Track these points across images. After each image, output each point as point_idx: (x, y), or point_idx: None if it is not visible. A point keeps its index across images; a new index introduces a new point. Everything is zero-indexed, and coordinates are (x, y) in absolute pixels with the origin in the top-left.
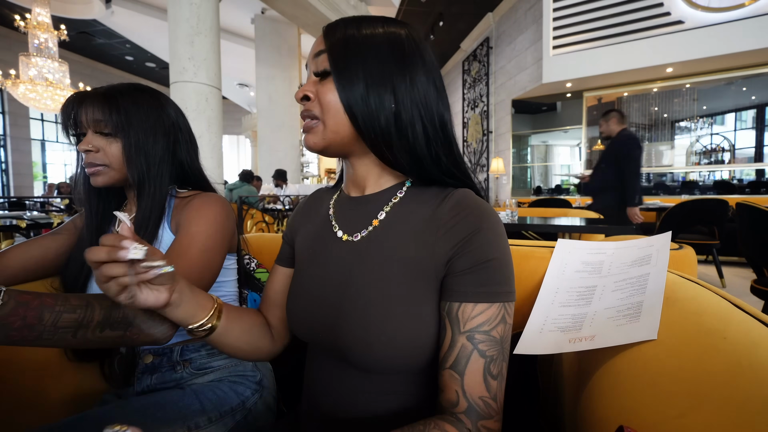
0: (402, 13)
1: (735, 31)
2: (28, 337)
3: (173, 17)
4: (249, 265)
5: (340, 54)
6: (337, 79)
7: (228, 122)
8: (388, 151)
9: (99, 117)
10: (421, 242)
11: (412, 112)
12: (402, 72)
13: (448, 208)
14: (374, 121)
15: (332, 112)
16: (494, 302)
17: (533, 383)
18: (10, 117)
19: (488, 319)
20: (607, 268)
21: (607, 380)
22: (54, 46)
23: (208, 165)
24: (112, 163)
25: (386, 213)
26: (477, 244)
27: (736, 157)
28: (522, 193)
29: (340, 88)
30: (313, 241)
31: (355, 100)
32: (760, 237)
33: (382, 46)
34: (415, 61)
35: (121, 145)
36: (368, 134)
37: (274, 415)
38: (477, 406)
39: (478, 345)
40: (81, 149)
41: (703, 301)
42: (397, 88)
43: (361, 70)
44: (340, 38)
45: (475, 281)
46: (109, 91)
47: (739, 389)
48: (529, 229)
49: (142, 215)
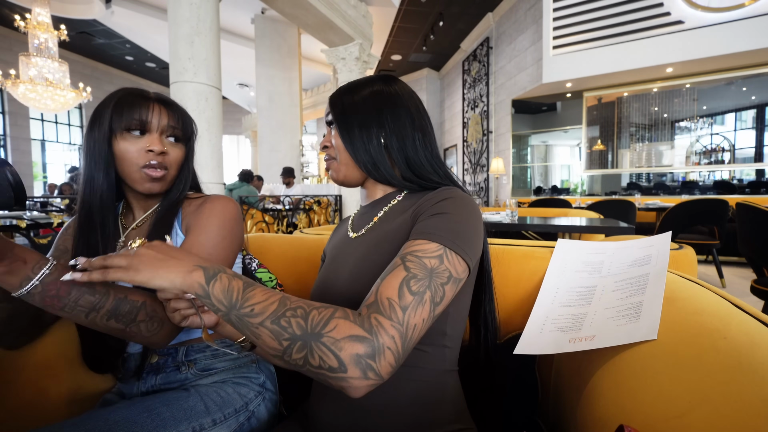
0: (402, 12)
1: (735, 31)
2: (55, 306)
3: (173, 17)
4: (250, 264)
5: (339, 112)
6: (338, 128)
7: (228, 122)
8: (382, 172)
9: (175, 123)
10: (404, 225)
11: (396, 142)
12: (380, 115)
13: (429, 196)
14: (366, 153)
15: (341, 151)
16: (433, 241)
17: (533, 383)
18: (10, 117)
19: (423, 249)
20: (607, 268)
21: (607, 380)
22: (54, 46)
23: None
24: (172, 167)
25: (384, 212)
26: (437, 206)
27: (736, 157)
28: (522, 193)
29: (343, 135)
30: (335, 246)
31: (351, 140)
32: (760, 237)
33: (367, 102)
34: (394, 106)
35: (184, 152)
36: (362, 162)
37: (276, 417)
38: (381, 304)
39: (405, 262)
40: (156, 149)
41: (703, 301)
42: (381, 127)
43: (353, 120)
44: (338, 102)
45: (422, 227)
46: (167, 98)
47: (739, 389)
48: (529, 229)
49: (161, 215)
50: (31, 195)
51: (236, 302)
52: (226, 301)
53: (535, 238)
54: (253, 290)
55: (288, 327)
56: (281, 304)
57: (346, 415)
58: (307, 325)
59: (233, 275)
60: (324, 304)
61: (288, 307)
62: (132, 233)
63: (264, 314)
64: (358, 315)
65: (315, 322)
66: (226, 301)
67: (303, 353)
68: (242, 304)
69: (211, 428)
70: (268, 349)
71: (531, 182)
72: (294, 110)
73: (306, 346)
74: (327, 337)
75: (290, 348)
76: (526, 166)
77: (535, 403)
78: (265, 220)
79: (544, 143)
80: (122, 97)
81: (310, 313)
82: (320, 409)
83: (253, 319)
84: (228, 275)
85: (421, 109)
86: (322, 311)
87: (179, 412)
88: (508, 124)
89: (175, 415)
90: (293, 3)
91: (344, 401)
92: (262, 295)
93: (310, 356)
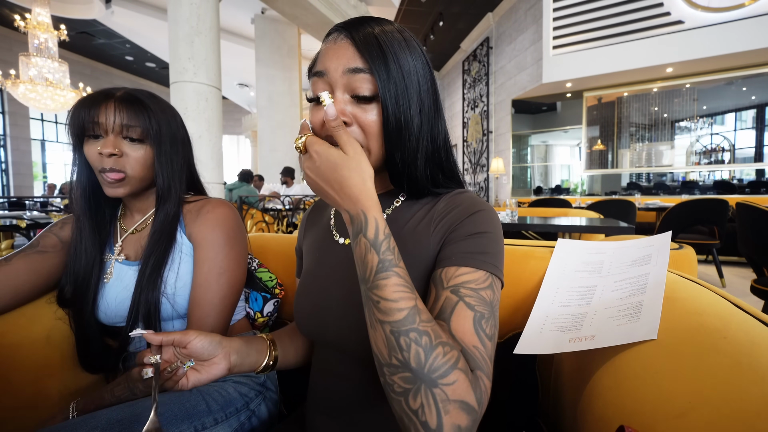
0: (402, 12)
1: (735, 31)
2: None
3: (173, 17)
4: (250, 264)
5: (389, 77)
6: (390, 107)
7: (228, 122)
8: (414, 171)
9: (131, 122)
10: (417, 240)
11: (429, 132)
12: (434, 96)
13: (442, 206)
14: (414, 141)
15: (377, 137)
16: (481, 269)
17: (533, 383)
18: (10, 117)
19: (474, 280)
20: (607, 267)
21: (607, 380)
22: (54, 46)
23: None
24: (134, 170)
25: (387, 215)
26: (473, 219)
27: (736, 157)
28: (522, 193)
29: (392, 112)
30: (317, 248)
31: (403, 123)
32: (760, 237)
33: (419, 67)
34: (435, 85)
35: (149, 151)
36: (403, 157)
37: (277, 417)
38: (472, 354)
39: (464, 298)
40: (105, 152)
41: (703, 301)
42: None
43: (410, 92)
44: (381, 56)
45: (462, 248)
46: (135, 95)
47: (739, 389)
48: (529, 229)
49: (162, 220)
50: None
51: (366, 279)
52: (360, 269)
53: (535, 238)
54: (387, 277)
55: (406, 350)
56: (409, 317)
57: (341, 429)
58: (426, 363)
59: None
60: (449, 342)
61: (415, 326)
62: (130, 238)
63: (389, 316)
64: (471, 372)
65: (436, 364)
66: (360, 269)
67: (407, 386)
68: (372, 287)
69: (213, 427)
70: (373, 342)
71: (531, 182)
72: (294, 110)
73: (414, 382)
74: (440, 390)
75: (396, 370)
76: (526, 166)
77: (535, 403)
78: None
79: (544, 143)
80: (80, 101)
81: (436, 348)
82: (314, 419)
83: (378, 312)
84: (367, 239)
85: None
86: (447, 352)
87: (181, 412)
88: (508, 124)
89: (176, 415)
90: (293, 3)
91: (339, 417)
92: (394, 290)
93: (412, 395)
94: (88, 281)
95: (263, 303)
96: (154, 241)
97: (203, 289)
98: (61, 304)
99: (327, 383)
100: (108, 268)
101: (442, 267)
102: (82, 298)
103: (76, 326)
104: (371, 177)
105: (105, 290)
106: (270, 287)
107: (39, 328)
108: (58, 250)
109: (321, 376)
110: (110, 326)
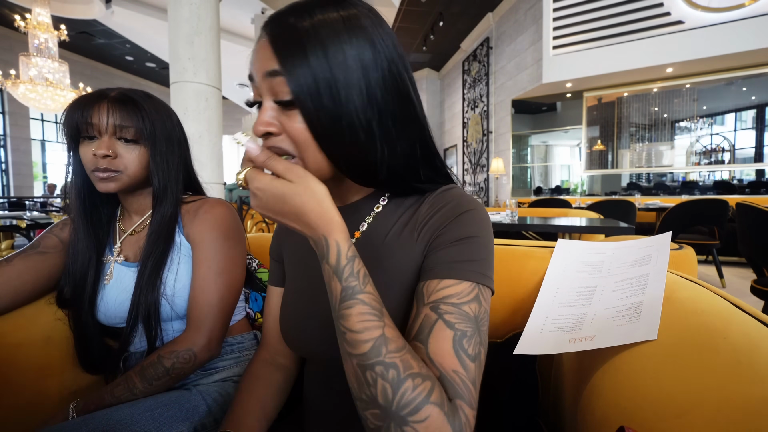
0: (402, 12)
1: (735, 31)
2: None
3: (173, 17)
4: (251, 264)
5: (308, 75)
6: (304, 106)
7: (228, 122)
8: (370, 167)
9: (125, 123)
10: (402, 247)
11: (391, 122)
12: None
13: (425, 209)
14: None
15: (310, 144)
16: (466, 279)
17: (533, 383)
18: (10, 117)
19: (457, 293)
20: (607, 268)
21: (607, 380)
22: (54, 46)
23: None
24: (128, 170)
25: (368, 224)
26: (456, 225)
27: (736, 157)
28: (522, 193)
29: (315, 118)
30: (301, 256)
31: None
32: (760, 237)
33: (365, 56)
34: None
35: (144, 152)
36: (343, 160)
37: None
38: (451, 380)
39: (443, 315)
40: (98, 153)
41: (703, 301)
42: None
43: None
44: (298, 53)
45: (446, 257)
46: (129, 95)
47: (739, 389)
48: (529, 229)
49: (159, 221)
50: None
51: (334, 308)
52: (329, 298)
53: (535, 238)
54: (350, 306)
55: (372, 385)
56: (374, 350)
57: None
58: (393, 400)
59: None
60: (421, 372)
61: (381, 359)
62: (129, 239)
63: (355, 348)
64: (449, 403)
65: (405, 400)
66: (329, 298)
67: (378, 423)
68: (339, 317)
69: (214, 427)
70: (348, 378)
71: (531, 182)
72: None
73: (383, 419)
74: (411, 429)
75: (366, 406)
76: (526, 166)
77: (535, 403)
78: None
79: (544, 143)
80: (73, 102)
81: (404, 382)
82: (311, 429)
83: (346, 345)
84: (330, 265)
85: (400, 50)
86: (418, 385)
87: (181, 412)
88: (508, 124)
89: (177, 415)
90: None
91: (337, 424)
92: (357, 320)
93: (384, 431)
94: (84, 282)
95: (263, 303)
96: (151, 243)
97: (201, 290)
98: (61, 305)
99: (321, 396)
100: (108, 269)
101: (425, 280)
102: (80, 298)
103: (75, 327)
104: (326, 194)
105: (105, 291)
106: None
107: (39, 329)
108: (58, 250)
109: (314, 389)
110: (110, 327)
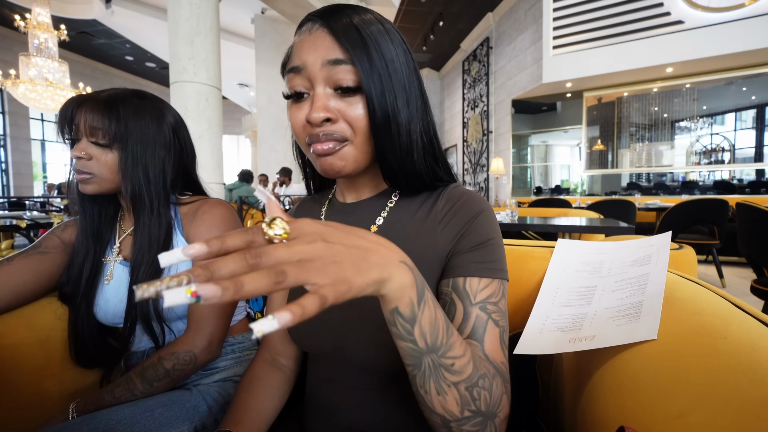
0: (402, 12)
1: (735, 31)
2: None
3: (173, 17)
4: None
5: (372, 67)
6: (375, 98)
7: (228, 122)
8: (406, 163)
9: (97, 125)
10: (423, 240)
11: (419, 123)
12: (419, 86)
13: (443, 204)
14: (406, 134)
15: (365, 132)
16: (495, 278)
17: (533, 383)
18: (10, 117)
19: (494, 293)
20: (607, 268)
21: (607, 380)
22: (54, 46)
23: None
24: (102, 173)
25: (383, 218)
26: (478, 225)
27: (736, 157)
28: (522, 193)
29: (378, 103)
30: None
31: (390, 114)
32: (760, 237)
33: (401, 53)
34: (419, 74)
35: (116, 156)
36: (394, 150)
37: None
38: (501, 370)
39: (491, 315)
40: (73, 155)
41: (703, 301)
42: (420, 97)
43: (394, 81)
44: (362, 45)
45: (477, 258)
46: (110, 98)
47: (739, 389)
48: (529, 229)
49: (149, 231)
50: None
51: (440, 346)
52: (430, 339)
53: (535, 238)
54: (453, 333)
55: (478, 399)
56: (475, 366)
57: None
58: (491, 402)
59: (432, 296)
60: (489, 368)
61: (480, 373)
62: (128, 239)
63: (462, 374)
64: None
65: (494, 398)
66: (430, 339)
67: (478, 428)
68: (445, 351)
69: (214, 427)
70: (434, 408)
71: (531, 182)
72: None
73: (483, 423)
74: (498, 418)
75: (467, 421)
76: (526, 166)
77: (535, 403)
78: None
79: (544, 143)
80: (64, 104)
81: (493, 384)
82: (313, 424)
83: (450, 375)
84: (430, 294)
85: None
86: (498, 383)
87: (181, 412)
88: (508, 124)
89: (177, 415)
90: (293, 3)
91: (340, 423)
92: (461, 346)
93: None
94: (79, 279)
95: (264, 303)
96: (139, 249)
97: None
98: (63, 300)
99: (326, 390)
100: (108, 269)
101: (464, 276)
102: (79, 296)
103: (71, 322)
104: None
105: (105, 291)
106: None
107: (39, 328)
108: (59, 251)
109: (319, 384)
110: (110, 326)
